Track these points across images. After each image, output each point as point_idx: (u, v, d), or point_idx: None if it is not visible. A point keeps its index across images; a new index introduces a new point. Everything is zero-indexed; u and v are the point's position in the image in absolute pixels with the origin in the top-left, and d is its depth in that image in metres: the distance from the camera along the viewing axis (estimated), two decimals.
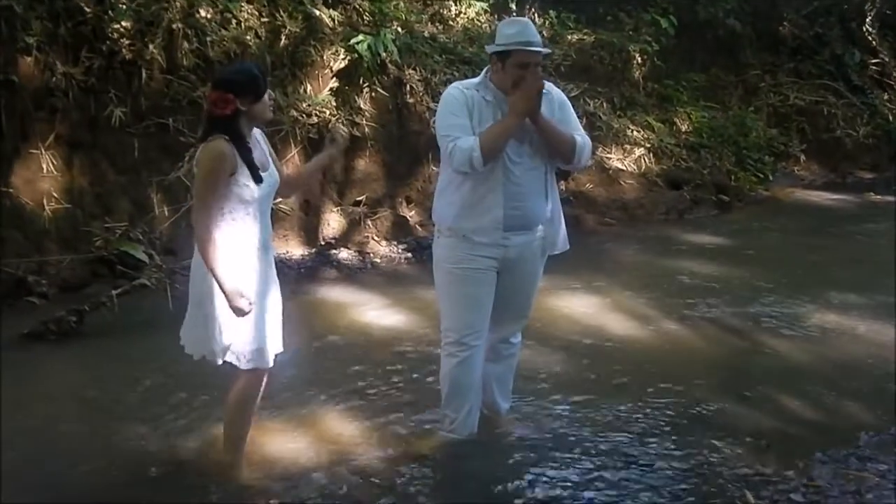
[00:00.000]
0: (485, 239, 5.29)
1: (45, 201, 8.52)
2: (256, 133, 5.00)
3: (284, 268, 9.06)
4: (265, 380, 5.15)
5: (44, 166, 8.57)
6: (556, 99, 5.43)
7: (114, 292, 7.72)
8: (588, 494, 5.18)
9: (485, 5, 13.19)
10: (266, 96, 4.89)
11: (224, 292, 4.74)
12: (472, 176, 5.21)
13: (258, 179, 4.81)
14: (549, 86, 5.44)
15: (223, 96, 4.77)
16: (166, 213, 9.04)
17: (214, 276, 4.73)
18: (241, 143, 4.78)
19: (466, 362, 5.42)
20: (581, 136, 5.39)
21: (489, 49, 5.39)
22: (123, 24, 8.98)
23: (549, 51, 5.24)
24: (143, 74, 9.05)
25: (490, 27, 12.68)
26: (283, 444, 5.59)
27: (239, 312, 4.78)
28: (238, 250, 4.84)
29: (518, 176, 5.25)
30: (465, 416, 5.53)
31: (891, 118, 16.57)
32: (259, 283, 4.95)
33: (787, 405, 6.39)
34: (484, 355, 5.58)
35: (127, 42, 9.00)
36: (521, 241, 5.35)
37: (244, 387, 5.09)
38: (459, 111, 5.25)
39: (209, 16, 9.61)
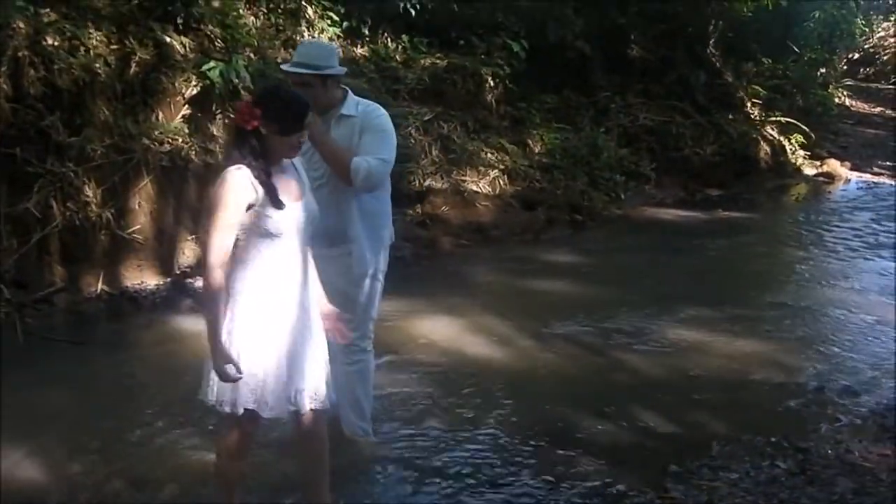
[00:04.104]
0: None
1: None
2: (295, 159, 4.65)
3: (139, 298, 8.94)
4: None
5: None
6: (359, 123, 5.41)
7: None
8: None
9: (337, 30, 13.20)
10: (295, 137, 4.42)
11: (211, 348, 4.30)
12: None
13: (278, 204, 4.34)
14: (357, 108, 5.47)
15: (250, 109, 4.34)
16: (15, 244, 8.79)
17: (207, 324, 4.29)
18: (259, 166, 4.33)
19: None
20: (362, 159, 5.30)
21: None
22: None
23: (307, 72, 5.27)
24: None
25: (343, 52, 12.70)
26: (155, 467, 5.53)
27: (224, 377, 4.31)
28: (260, 292, 4.42)
29: (317, 192, 5.07)
30: None
31: (735, 137, 17.09)
32: (282, 329, 4.50)
33: (643, 419, 6.54)
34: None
35: None
36: (326, 254, 5.20)
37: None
38: None
39: (56, 43, 9.40)
